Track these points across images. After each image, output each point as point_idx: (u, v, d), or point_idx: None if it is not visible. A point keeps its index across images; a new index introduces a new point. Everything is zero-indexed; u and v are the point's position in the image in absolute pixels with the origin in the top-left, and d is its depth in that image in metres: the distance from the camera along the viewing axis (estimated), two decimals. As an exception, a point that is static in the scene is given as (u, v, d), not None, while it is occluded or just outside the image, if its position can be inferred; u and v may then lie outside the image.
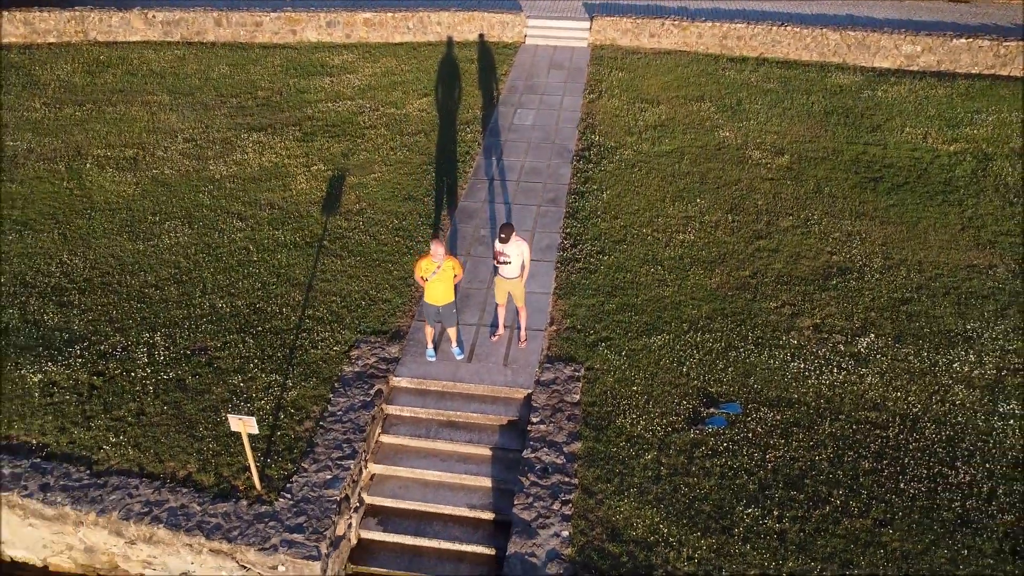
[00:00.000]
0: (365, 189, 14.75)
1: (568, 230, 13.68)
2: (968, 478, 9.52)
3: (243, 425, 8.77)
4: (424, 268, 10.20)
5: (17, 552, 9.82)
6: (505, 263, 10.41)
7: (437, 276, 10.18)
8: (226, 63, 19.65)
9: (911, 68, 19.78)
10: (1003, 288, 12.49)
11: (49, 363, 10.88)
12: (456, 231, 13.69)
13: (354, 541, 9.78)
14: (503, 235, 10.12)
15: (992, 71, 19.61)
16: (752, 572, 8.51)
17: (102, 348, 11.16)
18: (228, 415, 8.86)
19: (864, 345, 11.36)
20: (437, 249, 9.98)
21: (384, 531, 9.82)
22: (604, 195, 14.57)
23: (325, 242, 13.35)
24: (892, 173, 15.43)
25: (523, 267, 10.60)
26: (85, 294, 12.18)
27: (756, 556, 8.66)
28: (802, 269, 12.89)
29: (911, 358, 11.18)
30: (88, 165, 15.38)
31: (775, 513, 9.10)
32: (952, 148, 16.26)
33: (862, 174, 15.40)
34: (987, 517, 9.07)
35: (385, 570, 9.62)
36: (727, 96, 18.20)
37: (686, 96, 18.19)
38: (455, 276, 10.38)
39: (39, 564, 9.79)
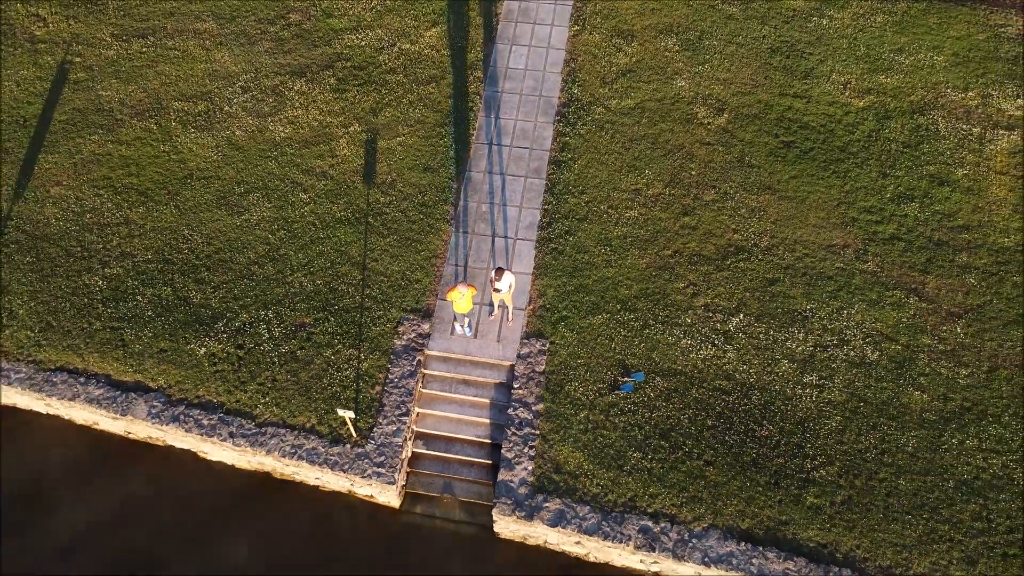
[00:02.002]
0: (393, 156, 19.28)
1: (546, 206, 18.67)
2: (767, 433, 16.29)
3: (346, 414, 15.27)
4: (454, 296, 15.85)
5: (214, 458, 16.96)
6: (498, 290, 16.03)
7: (462, 300, 15.91)
8: (254, -31, 22.12)
9: (865, -21, 22.32)
10: (845, 269, 18.02)
11: (206, 338, 16.98)
12: (466, 207, 18.69)
13: (409, 455, 16.89)
14: (497, 276, 15.64)
15: (935, -14, 22.23)
16: (628, 494, 15.70)
17: (236, 324, 17.15)
18: (337, 409, 15.31)
19: (734, 324, 17.33)
20: (463, 289, 15.58)
21: (427, 449, 16.86)
22: (575, 166, 19.18)
23: (369, 218, 18.45)
24: (804, 136, 19.75)
25: (510, 287, 16.21)
26: (211, 271, 17.75)
27: (633, 484, 15.79)
28: (710, 248, 18.24)
29: (761, 336, 17.26)
30: (173, 123, 19.60)
31: (649, 456, 16.04)
32: (862, 103, 20.23)
33: (781, 137, 19.73)
34: (768, 460, 16.03)
35: (428, 472, 16.86)
36: (692, 27, 21.34)
37: (656, 27, 21.34)
38: (473, 295, 16.11)
39: (229, 464, 16.99)
